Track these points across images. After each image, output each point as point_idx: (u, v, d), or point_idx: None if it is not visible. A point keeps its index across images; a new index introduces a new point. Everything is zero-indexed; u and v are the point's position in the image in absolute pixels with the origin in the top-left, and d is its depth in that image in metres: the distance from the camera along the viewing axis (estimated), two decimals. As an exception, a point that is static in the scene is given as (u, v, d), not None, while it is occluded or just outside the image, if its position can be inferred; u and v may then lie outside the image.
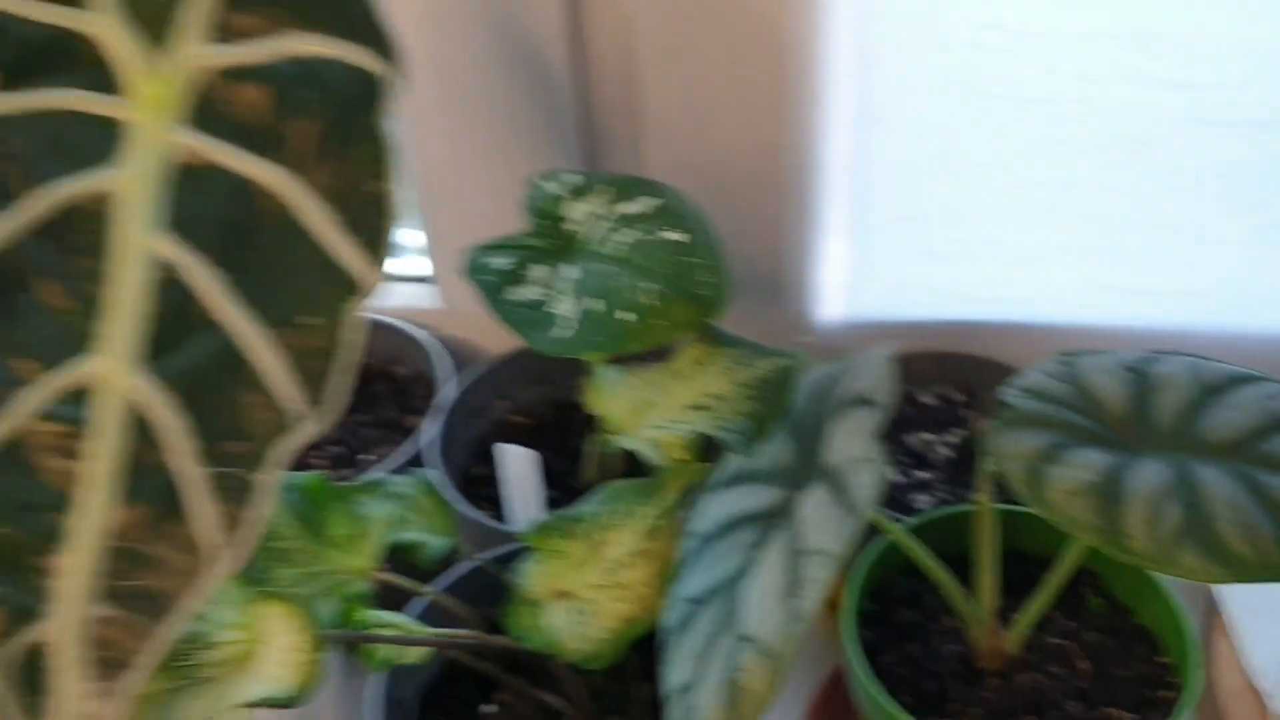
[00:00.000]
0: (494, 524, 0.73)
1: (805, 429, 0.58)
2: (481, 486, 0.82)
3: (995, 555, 0.62)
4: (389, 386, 0.87)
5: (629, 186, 0.61)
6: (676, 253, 0.57)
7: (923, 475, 0.82)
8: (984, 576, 0.63)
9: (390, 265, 0.37)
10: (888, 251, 0.83)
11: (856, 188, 0.81)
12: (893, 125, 0.77)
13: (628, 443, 0.53)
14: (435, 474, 0.59)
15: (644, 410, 0.55)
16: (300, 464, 0.81)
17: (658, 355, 0.59)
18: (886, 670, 0.66)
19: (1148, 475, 0.50)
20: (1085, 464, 0.50)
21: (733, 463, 0.61)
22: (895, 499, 0.81)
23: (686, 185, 0.80)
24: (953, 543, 0.67)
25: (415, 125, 0.83)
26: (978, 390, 0.86)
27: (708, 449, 0.53)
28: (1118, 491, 0.49)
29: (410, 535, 0.55)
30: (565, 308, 0.58)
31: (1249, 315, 0.82)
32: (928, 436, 0.85)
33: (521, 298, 0.59)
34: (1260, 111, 0.74)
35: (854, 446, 0.53)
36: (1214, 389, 0.53)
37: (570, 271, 0.60)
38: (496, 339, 0.92)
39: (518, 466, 0.70)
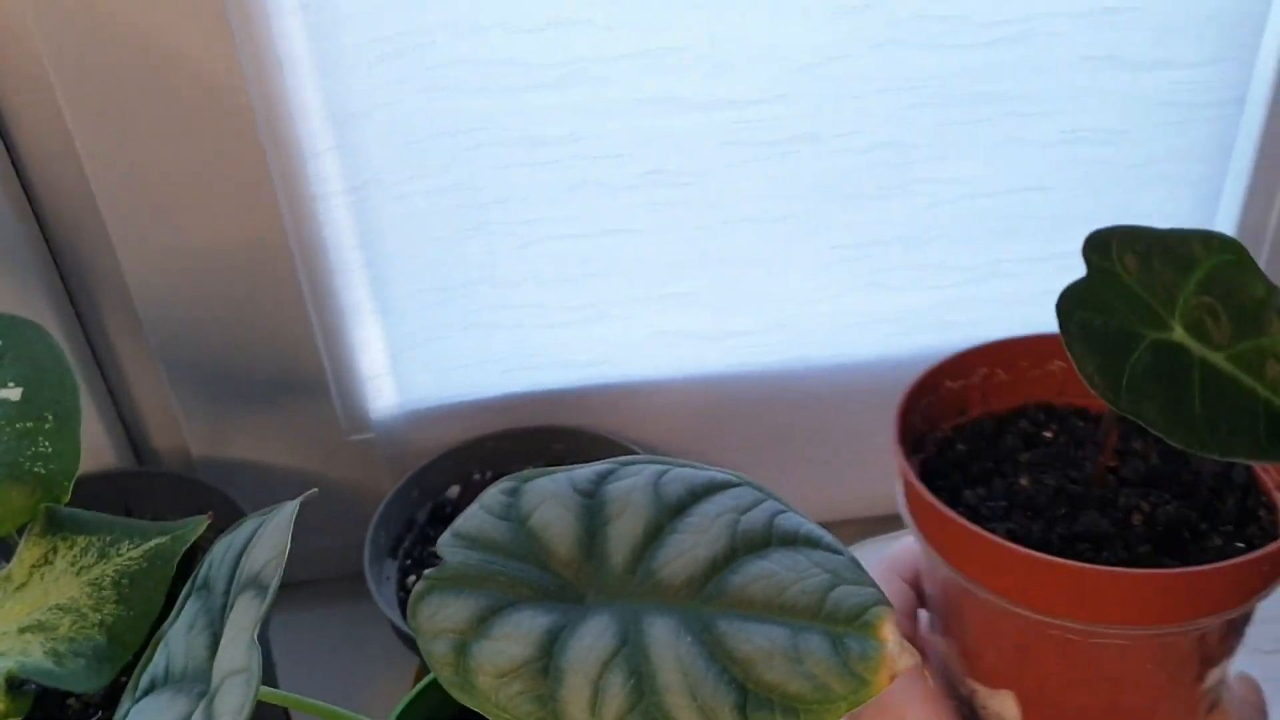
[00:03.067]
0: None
1: (215, 612, 0.46)
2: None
3: None
4: None
5: (-31, 326, 0.47)
6: (8, 418, 0.43)
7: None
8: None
9: None
10: (427, 327, 0.71)
11: (373, 262, 0.69)
12: (394, 187, 0.66)
13: (-75, 695, 0.39)
14: None
15: (-39, 640, 0.41)
16: None
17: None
18: None
19: (591, 638, 0.39)
20: (519, 633, 0.39)
21: (158, 660, 0.48)
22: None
23: (183, 289, 0.68)
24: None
25: None
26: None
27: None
28: (557, 666, 0.38)
29: None
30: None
31: (832, 345, 0.74)
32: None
33: None
34: (797, 126, 0.65)
35: (233, 652, 0.40)
36: (676, 508, 0.42)
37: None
38: None
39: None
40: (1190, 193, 0.70)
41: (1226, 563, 0.33)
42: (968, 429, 0.42)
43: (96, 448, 0.74)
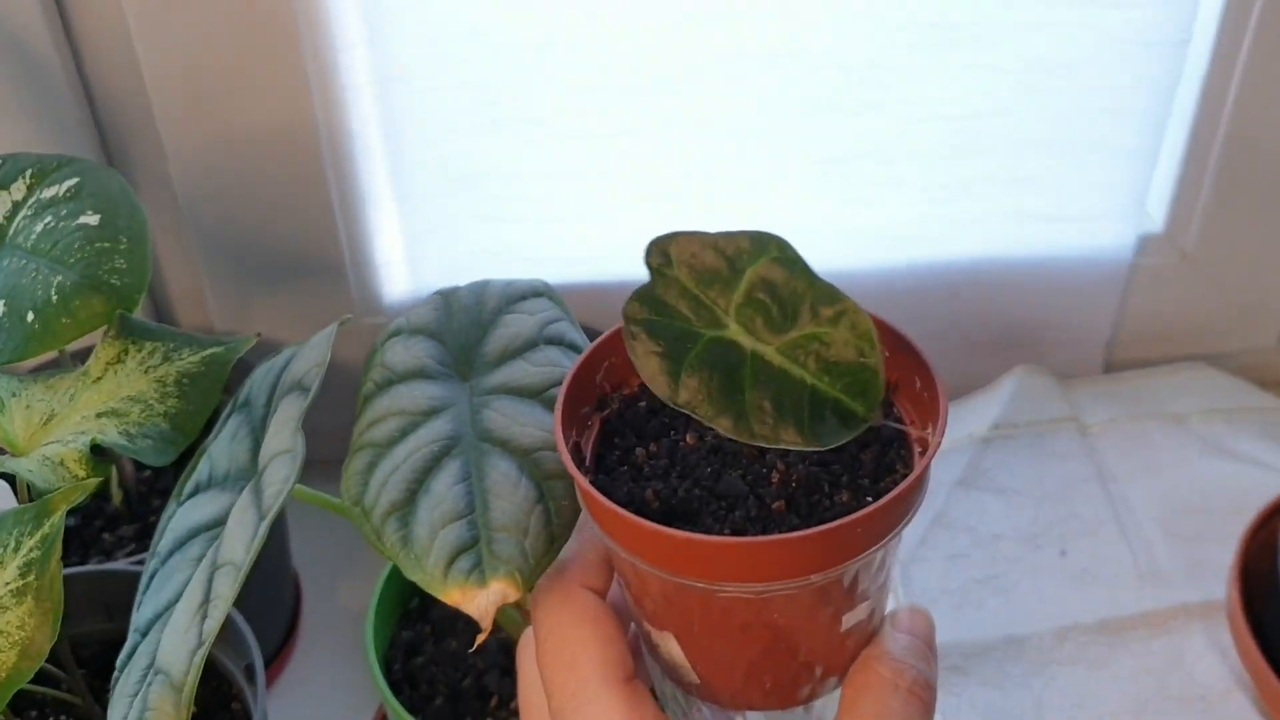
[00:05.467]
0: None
1: (257, 421, 0.52)
2: None
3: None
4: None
5: (50, 167, 0.54)
6: (88, 238, 0.50)
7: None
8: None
9: None
10: (442, 218, 0.78)
11: (394, 153, 0.75)
12: (420, 83, 0.72)
13: (19, 466, 0.46)
14: None
15: (47, 424, 0.48)
16: None
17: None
18: (420, 669, 0.62)
19: (431, 391, 0.47)
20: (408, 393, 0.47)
21: (202, 468, 0.55)
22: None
23: (219, 171, 0.74)
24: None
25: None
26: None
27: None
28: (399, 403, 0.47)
29: None
30: (-26, 314, 0.50)
31: (807, 255, 0.80)
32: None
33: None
34: (786, 43, 0.72)
35: (278, 439, 0.47)
36: (512, 301, 0.51)
37: (-12, 271, 0.52)
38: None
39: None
40: (1136, 126, 0.76)
41: (807, 531, 0.35)
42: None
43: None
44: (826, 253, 0.82)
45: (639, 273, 0.81)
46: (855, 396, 0.37)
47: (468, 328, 0.49)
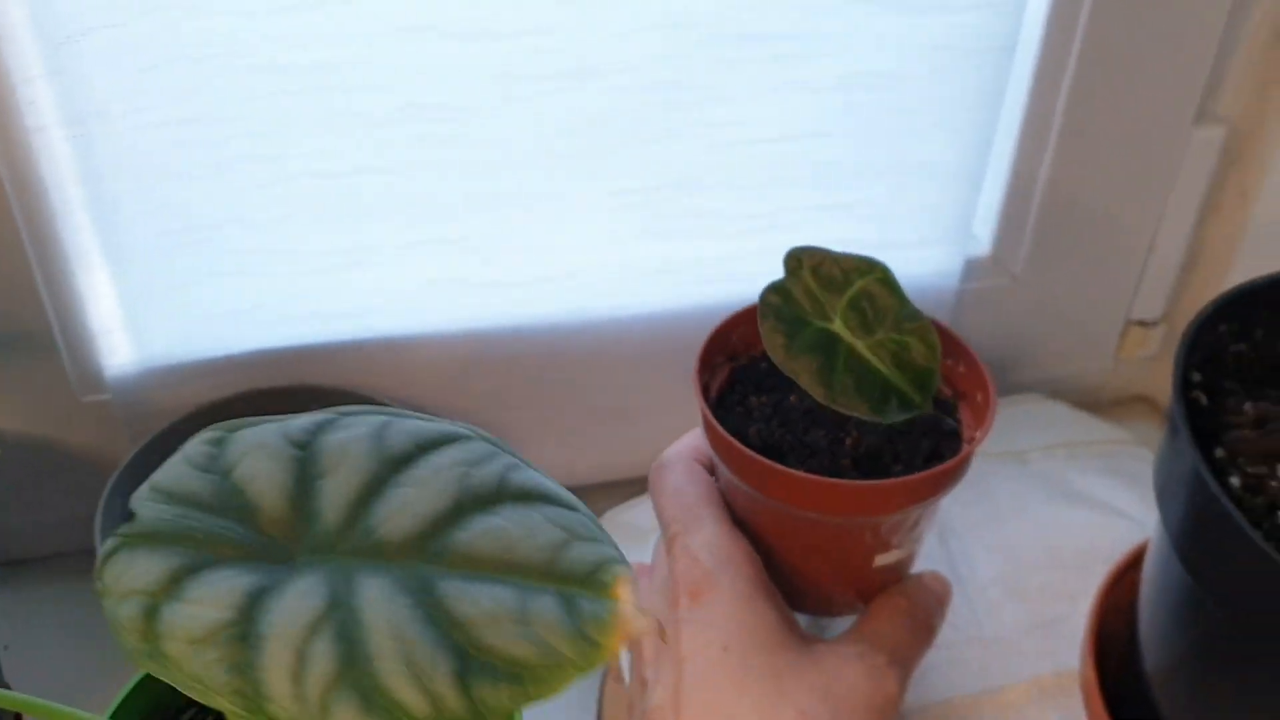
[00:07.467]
0: None
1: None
2: None
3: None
4: None
5: None
6: None
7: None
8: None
9: None
10: (166, 276, 0.65)
11: (100, 201, 0.62)
12: (123, 119, 0.59)
13: None
14: None
15: None
16: None
17: None
18: None
19: (296, 600, 0.35)
20: (216, 594, 0.34)
21: None
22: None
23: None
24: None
25: None
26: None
27: None
28: (257, 631, 0.34)
29: None
30: None
31: (612, 297, 0.71)
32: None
33: None
34: (564, 61, 0.61)
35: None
36: (399, 461, 0.38)
37: None
38: None
39: None
40: (959, 142, 0.69)
41: (864, 482, 0.51)
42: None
43: None
44: (630, 293, 0.73)
45: (413, 327, 0.70)
46: (915, 390, 0.51)
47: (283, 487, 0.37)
